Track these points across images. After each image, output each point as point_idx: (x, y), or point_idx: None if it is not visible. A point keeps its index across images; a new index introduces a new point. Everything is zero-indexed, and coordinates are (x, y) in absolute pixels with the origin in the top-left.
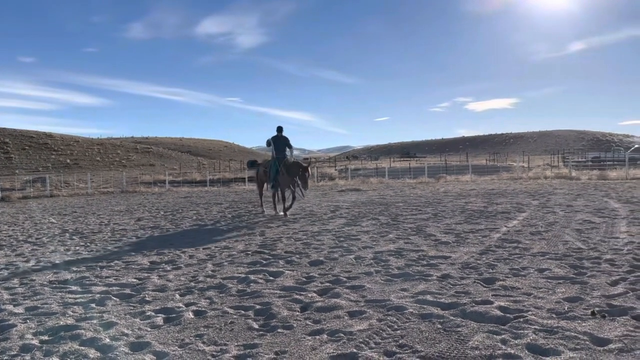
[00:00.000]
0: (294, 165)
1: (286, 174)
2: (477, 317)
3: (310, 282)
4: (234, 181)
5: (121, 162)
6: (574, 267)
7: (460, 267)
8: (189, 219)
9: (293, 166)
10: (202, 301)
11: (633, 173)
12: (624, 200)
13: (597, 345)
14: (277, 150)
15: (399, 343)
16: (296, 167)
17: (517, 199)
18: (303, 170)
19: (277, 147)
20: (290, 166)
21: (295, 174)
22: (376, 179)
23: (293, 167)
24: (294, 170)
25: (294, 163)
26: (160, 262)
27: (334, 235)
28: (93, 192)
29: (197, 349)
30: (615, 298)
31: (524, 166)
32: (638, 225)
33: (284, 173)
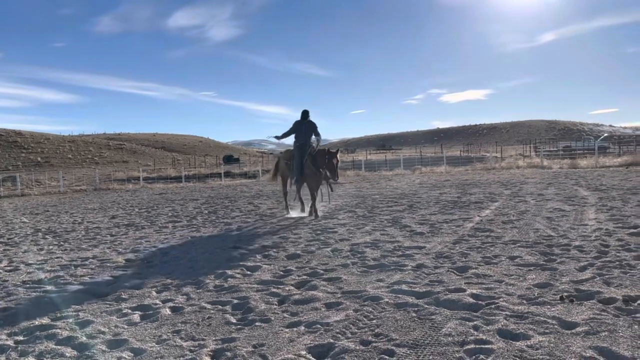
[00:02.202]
0: (319, 154)
1: (313, 166)
2: (451, 304)
3: (287, 276)
4: (210, 177)
5: (93, 159)
6: (544, 254)
7: (434, 256)
8: (165, 215)
9: (319, 154)
10: (179, 297)
11: (602, 161)
12: (593, 188)
13: (565, 329)
14: (300, 137)
15: (375, 332)
16: (322, 154)
17: (490, 189)
18: (330, 157)
19: (299, 134)
20: (317, 155)
21: (322, 164)
22: (352, 171)
23: (319, 156)
24: (320, 159)
25: (319, 152)
26: (136, 260)
27: (311, 229)
28: (65, 190)
29: (174, 344)
30: (583, 283)
31: (496, 156)
32: (606, 213)
33: (310, 165)
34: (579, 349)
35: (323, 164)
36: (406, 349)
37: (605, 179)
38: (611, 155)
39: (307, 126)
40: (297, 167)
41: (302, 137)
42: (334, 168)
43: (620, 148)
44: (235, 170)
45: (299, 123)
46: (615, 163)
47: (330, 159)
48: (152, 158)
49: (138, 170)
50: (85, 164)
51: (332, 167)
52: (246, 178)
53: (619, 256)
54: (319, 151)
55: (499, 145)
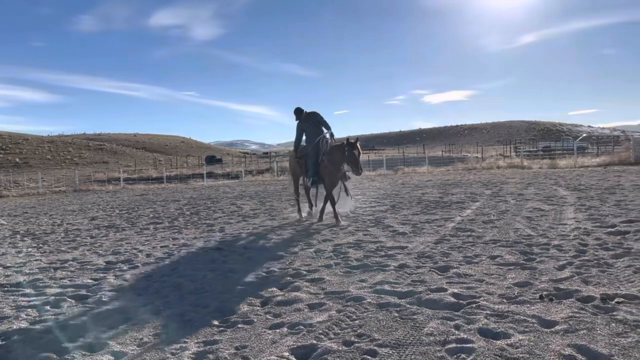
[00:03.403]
0: (336, 148)
1: (329, 164)
2: (432, 304)
3: (270, 277)
4: (192, 177)
5: (73, 160)
6: (524, 254)
7: (416, 256)
8: (146, 217)
9: (336, 149)
10: (160, 300)
11: (581, 161)
12: (572, 188)
13: (545, 327)
14: (312, 134)
15: (358, 333)
16: (340, 148)
17: (471, 189)
18: (350, 148)
19: (310, 132)
20: (333, 151)
21: (341, 160)
22: None
23: (336, 151)
24: (339, 155)
25: (335, 146)
26: (117, 262)
27: (294, 230)
28: (44, 191)
29: (156, 347)
30: (562, 282)
31: (478, 157)
32: (585, 212)
33: (327, 162)
34: (558, 347)
35: (343, 158)
36: (388, 349)
37: (584, 179)
38: (590, 156)
39: (313, 120)
40: (312, 167)
41: (315, 133)
42: (357, 160)
43: (599, 148)
44: (218, 170)
45: (303, 123)
46: (594, 163)
47: (351, 150)
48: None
49: (119, 171)
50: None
51: (354, 160)
52: (229, 179)
53: (597, 255)
54: (337, 146)
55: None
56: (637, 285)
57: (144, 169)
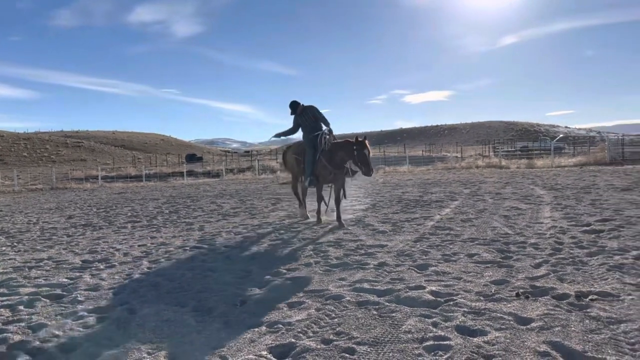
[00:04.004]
0: (339, 147)
1: (329, 163)
2: (411, 302)
3: (249, 276)
4: (171, 176)
5: (50, 158)
6: (501, 252)
7: (396, 254)
8: (124, 215)
9: (338, 148)
10: (138, 299)
11: (558, 161)
12: (548, 187)
13: (521, 324)
14: (309, 129)
15: (336, 331)
16: (345, 147)
17: (450, 188)
18: (360, 148)
19: (307, 127)
20: (335, 149)
21: (345, 159)
22: None
23: (339, 149)
24: (342, 154)
25: (338, 144)
26: (93, 261)
27: (275, 228)
28: (20, 189)
29: (132, 347)
30: (538, 280)
31: (457, 156)
32: (561, 211)
33: (325, 162)
34: (533, 344)
35: (346, 157)
36: (367, 346)
37: (561, 179)
38: (566, 156)
39: (310, 115)
40: (308, 166)
41: (312, 128)
42: (367, 160)
43: (575, 149)
44: (198, 169)
45: (299, 116)
46: (570, 163)
47: (361, 150)
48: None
49: (97, 169)
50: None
51: (365, 159)
52: (209, 177)
53: (572, 253)
54: (340, 144)
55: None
56: (611, 282)
57: (122, 167)
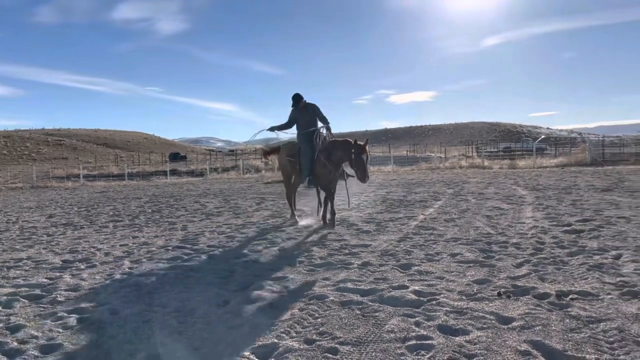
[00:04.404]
0: (338, 146)
1: (328, 162)
2: (394, 301)
3: (232, 276)
4: (154, 174)
5: (31, 156)
6: (483, 251)
7: (379, 254)
8: (105, 214)
9: (337, 147)
10: (118, 299)
11: (540, 162)
12: (530, 188)
13: (502, 323)
14: (304, 128)
15: (320, 331)
16: (343, 147)
17: (434, 188)
18: (358, 151)
19: (302, 124)
20: (333, 147)
21: (342, 159)
22: None
23: (337, 149)
24: (340, 153)
25: (336, 142)
26: (74, 261)
27: (259, 228)
28: (0, 187)
29: (112, 348)
30: (519, 279)
31: (441, 157)
32: (542, 211)
33: (324, 160)
34: (514, 343)
35: (346, 159)
36: (350, 346)
37: (542, 179)
38: (548, 157)
39: (309, 112)
40: (306, 166)
41: (307, 126)
42: (364, 166)
43: (557, 149)
44: (182, 168)
45: (297, 111)
46: (552, 164)
47: (359, 154)
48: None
49: (78, 167)
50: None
51: (362, 165)
52: (193, 176)
53: (553, 253)
54: (339, 142)
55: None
56: (591, 282)
57: (104, 165)
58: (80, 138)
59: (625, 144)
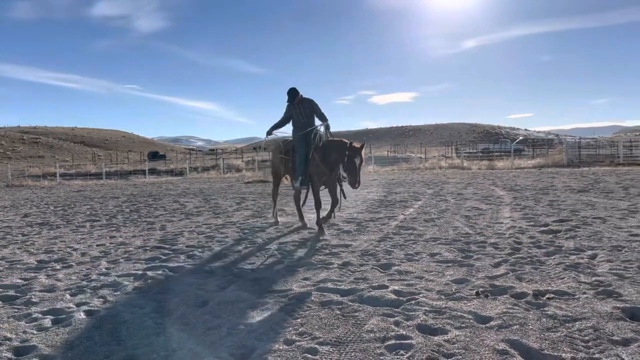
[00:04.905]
0: (334, 146)
1: (322, 162)
2: (374, 301)
3: (212, 276)
4: (133, 173)
5: (6, 154)
6: (462, 251)
7: (360, 254)
8: (82, 214)
9: (333, 147)
10: (95, 300)
11: (517, 163)
12: (508, 188)
13: (480, 323)
14: (299, 125)
15: (299, 331)
16: (338, 148)
17: (414, 189)
18: (353, 152)
19: (297, 121)
20: (329, 147)
21: (337, 161)
22: None
23: (333, 149)
24: (335, 155)
25: (333, 142)
26: (49, 261)
27: (239, 228)
28: None
29: (88, 350)
30: (497, 279)
31: (421, 157)
32: (520, 212)
33: (319, 160)
34: (492, 342)
35: (340, 161)
36: (329, 346)
37: (520, 180)
38: (526, 158)
39: (306, 108)
40: (300, 165)
41: (303, 124)
42: (356, 170)
43: (534, 151)
44: (161, 167)
45: (293, 107)
46: (529, 165)
47: (352, 157)
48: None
49: (55, 165)
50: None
51: (353, 169)
52: (172, 175)
53: (531, 253)
54: (334, 142)
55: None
56: (567, 281)
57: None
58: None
59: (600, 145)
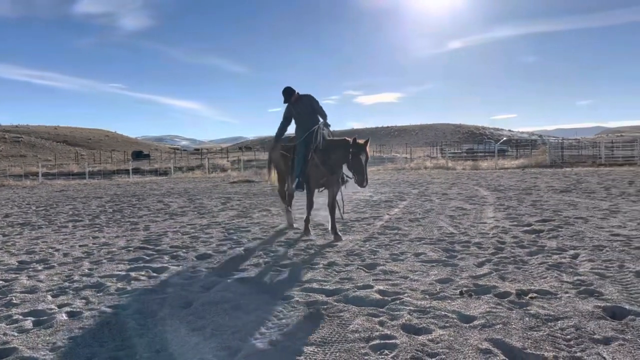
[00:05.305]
0: (335, 146)
1: (322, 164)
2: (358, 301)
3: (196, 277)
4: (116, 173)
5: None
6: (446, 251)
7: (345, 254)
8: (65, 214)
9: (334, 147)
10: (77, 301)
11: (501, 163)
12: (492, 188)
13: (464, 322)
14: (303, 124)
15: (284, 332)
16: (341, 147)
17: (399, 189)
18: (357, 149)
19: (300, 120)
20: (330, 148)
21: (340, 161)
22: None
23: (335, 149)
24: (337, 155)
25: (334, 142)
26: (31, 262)
27: (224, 228)
28: None
29: (70, 352)
30: (481, 278)
31: (406, 157)
32: (503, 211)
33: (318, 162)
34: (475, 342)
35: (343, 159)
36: (314, 347)
37: (504, 180)
38: (509, 158)
39: (306, 105)
40: (298, 165)
41: (306, 122)
42: (362, 168)
43: (518, 151)
44: (145, 166)
45: (292, 106)
46: (513, 165)
47: (357, 154)
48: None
49: (37, 165)
50: None
51: (360, 167)
52: (157, 175)
53: (514, 252)
54: (335, 142)
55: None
56: (549, 281)
57: (64, 163)
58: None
59: (583, 146)
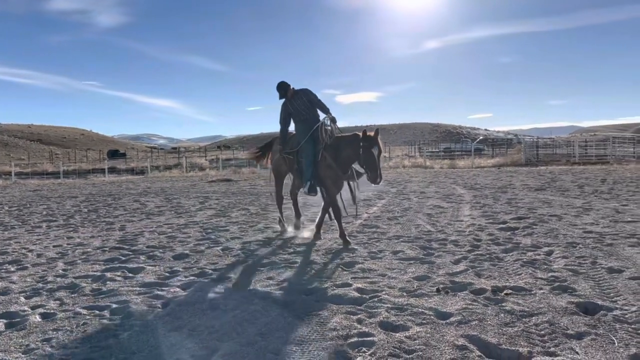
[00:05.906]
0: (345, 141)
1: (334, 161)
2: (337, 299)
3: (173, 277)
4: (92, 172)
5: None
6: (423, 249)
7: (324, 253)
8: (39, 214)
9: (345, 143)
10: (51, 303)
11: (478, 162)
12: (469, 187)
13: (441, 319)
14: (303, 120)
15: (262, 331)
16: (351, 142)
17: (378, 187)
18: (369, 142)
19: (299, 116)
20: (340, 144)
21: (351, 158)
22: (248, 169)
23: (345, 145)
24: (348, 151)
25: (343, 138)
26: (3, 263)
27: (202, 227)
28: None
29: (43, 353)
30: (457, 275)
31: (385, 156)
32: (479, 210)
33: (331, 161)
34: (452, 338)
35: (354, 156)
36: (292, 346)
37: (480, 179)
38: (486, 157)
39: (303, 100)
40: (308, 167)
41: (306, 118)
42: (375, 162)
43: (494, 150)
44: (121, 165)
45: (289, 102)
46: (489, 164)
47: (369, 147)
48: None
49: (10, 164)
50: None
51: (372, 161)
52: (133, 174)
53: (490, 250)
54: (345, 137)
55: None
56: (524, 277)
57: (38, 162)
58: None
59: (557, 145)
